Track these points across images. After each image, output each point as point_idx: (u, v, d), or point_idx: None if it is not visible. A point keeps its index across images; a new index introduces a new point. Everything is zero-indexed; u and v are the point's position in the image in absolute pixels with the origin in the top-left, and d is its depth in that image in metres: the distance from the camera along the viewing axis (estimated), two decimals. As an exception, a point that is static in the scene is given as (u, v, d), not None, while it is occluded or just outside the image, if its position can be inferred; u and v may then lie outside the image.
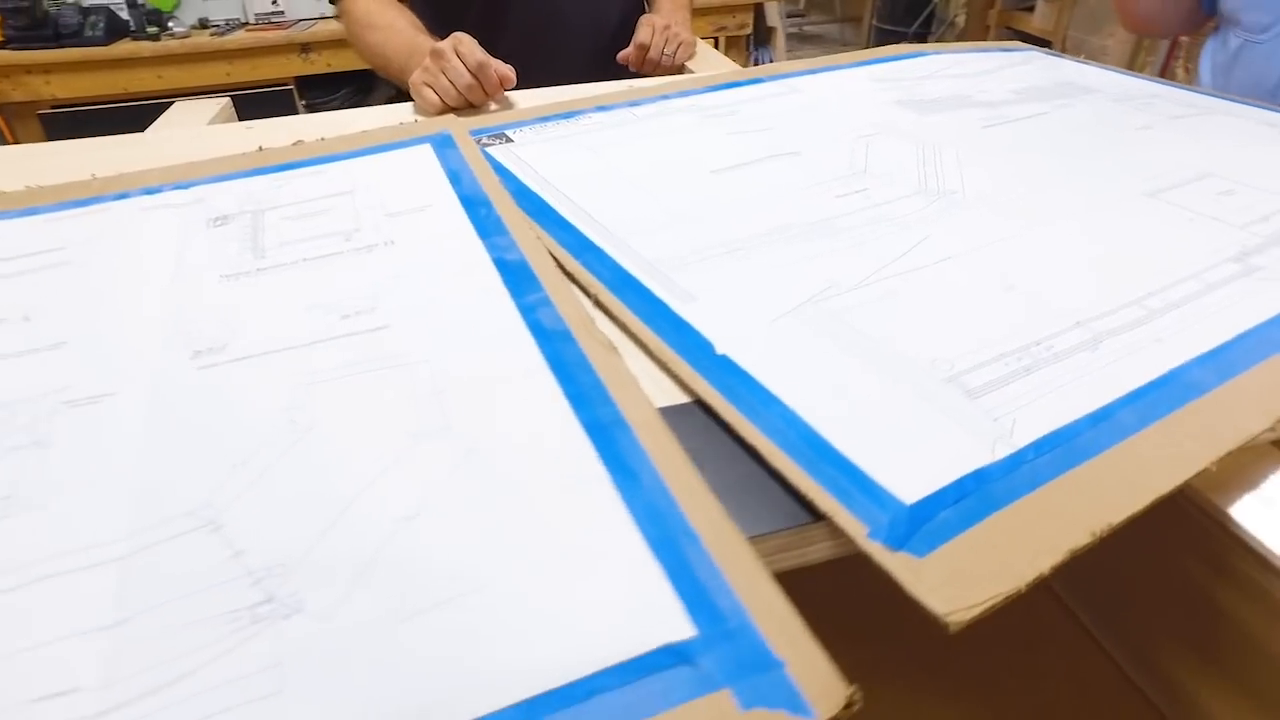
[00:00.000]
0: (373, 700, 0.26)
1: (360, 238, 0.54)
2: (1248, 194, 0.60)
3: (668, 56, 1.03)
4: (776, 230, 0.54)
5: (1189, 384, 0.39)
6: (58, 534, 0.32)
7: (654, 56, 1.04)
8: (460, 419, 0.37)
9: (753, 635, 0.27)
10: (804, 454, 0.34)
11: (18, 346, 0.44)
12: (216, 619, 0.28)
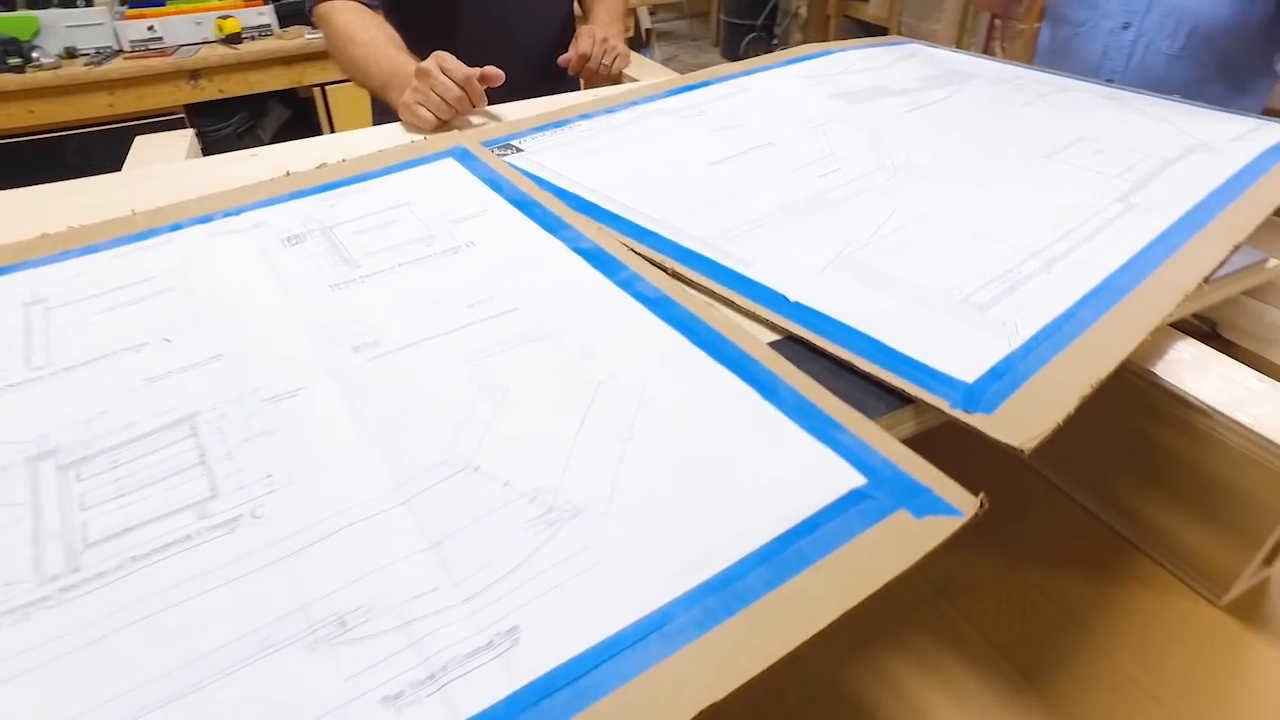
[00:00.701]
0: (667, 556, 0.36)
1: (439, 243, 0.62)
2: (1114, 151, 0.78)
3: (605, 67, 1.14)
4: (785, 206, 0.66)
5: (1117, 287, 0.55)
6: (334, 496, 0.40)
7: (593, 67, 1.14)
8: (621, 368, 0.47)
9: (903, 476, 0.39)
10: (884, 361, 0.47)
11: (179, 363, 0.50)
12: (516, 529, 0.37)
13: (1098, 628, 0.54)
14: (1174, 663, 0.52)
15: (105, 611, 0.34)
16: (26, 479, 0.41)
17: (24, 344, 0.52)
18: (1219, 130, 0.84)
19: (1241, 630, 0.54)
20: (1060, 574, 0.58)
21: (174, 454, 0.42)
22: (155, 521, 0.38)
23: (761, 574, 0.34)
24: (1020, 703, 0.49)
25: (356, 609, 0.34)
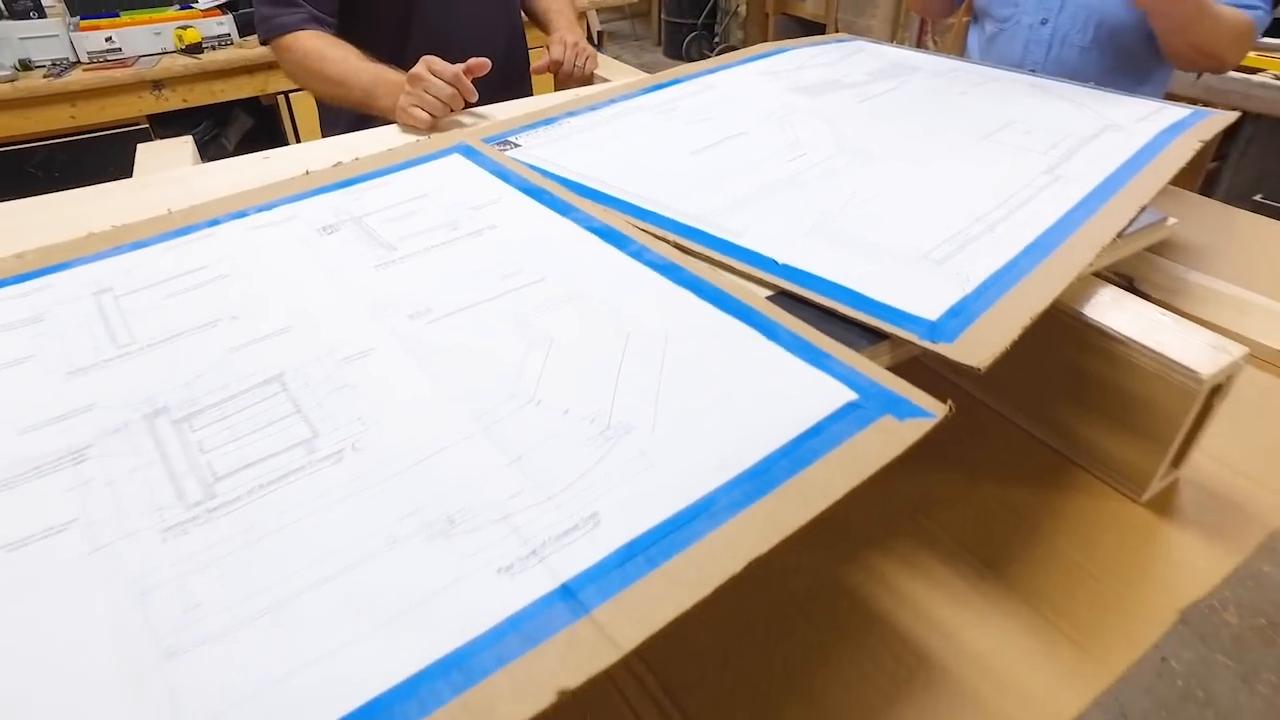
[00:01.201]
0: (706, 458, 0.44)
1: (463, 227, 0.70)
2: (1040, 132, 0.89)
3: (578, 69, 1.22)
4: (764, 187, 0.75)
5: (1048, 243, 0.65)
6: (421, 430, 0.48)
7: (567, 69, 1.22)
8: (646, 321, 0.55)
9: (886, 391, 0.49)
10: (862, 307, 0.56)
11: (254, 335, 0.57)
12: (581, 444, 0.46)
13: (1044, 526, 0.65)
14: (1106, 549, 0.62)
15: (250, 523, 0.41)
16: (148, 432, 0.48)
17: (105, 326, 0.59)
18: (1127, 112, 0.96)
19: (1157, 521, 0.65)
20: (1012, 486, 0.68)
21: (271, 406, 0.50)
22: (270, 458, 0.46)
23: (783, 465, 0.43)
24: (985, 586, 0.60)
25: (460, 510, 0.42)
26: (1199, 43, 1.18)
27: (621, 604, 0.36)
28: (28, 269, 0.67)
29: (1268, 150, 2.68)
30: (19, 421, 0.49)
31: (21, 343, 0.57)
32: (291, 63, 1.12)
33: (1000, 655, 0.55)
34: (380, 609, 0.37)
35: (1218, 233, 1.06)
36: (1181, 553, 0.63)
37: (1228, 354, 0.60)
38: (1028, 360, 0.69)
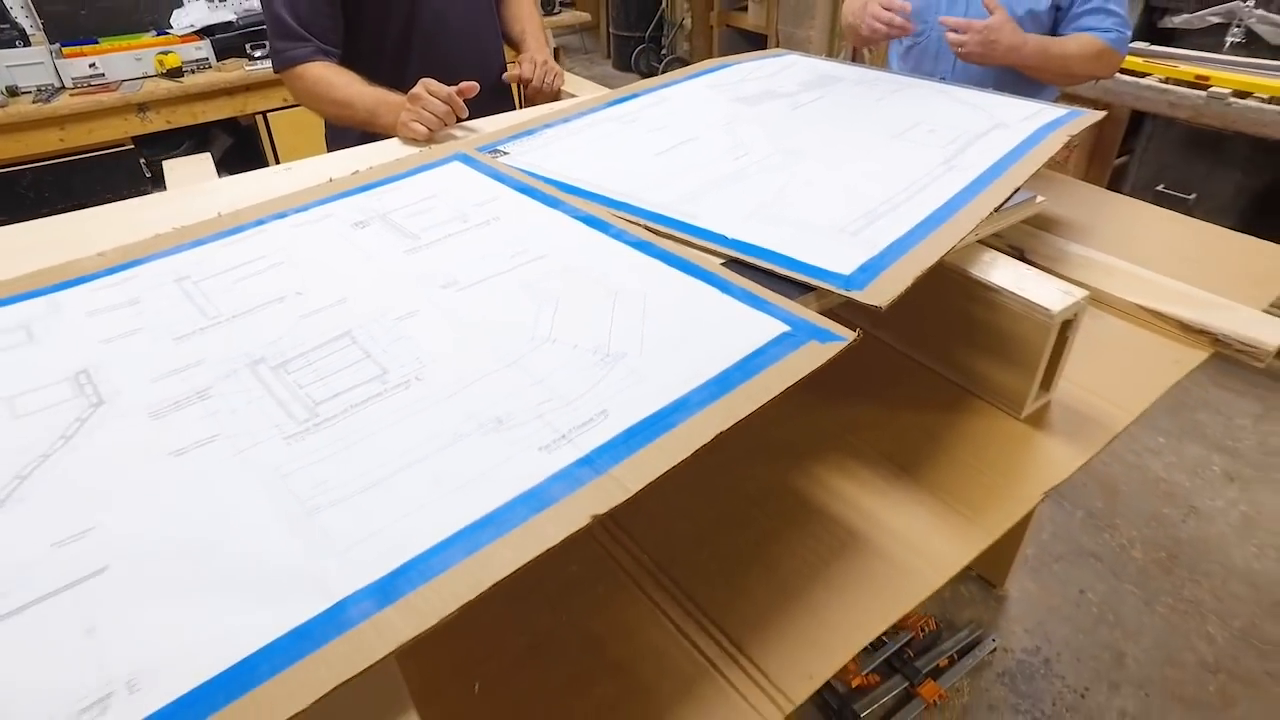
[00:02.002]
0: (681, 373, 0.60)
1: (472, 219, 0.85)
2: (942, 130, 1.08)
3: (548, 85, 1.38)
4: (714, 181, 0.92)
5: (940, 217, 0.83)
6: (465, 366, 0.63)
7: (536, 86, 1.38)
8: (628, 283, 0.72)
9: (811, 325, 0.65)
10: (794, 268, 0.73)
11: (319, 304, 0.72)
12: (588, 368, 0.61)
13: (945, 439, 0.82)
14: (992, 454, 0.80)
15: (349, 431, 0.56)
16: (253, 376, 0.63)
17: (193, 304, 0.73)
18: (1015, 113, 1.16)
19: (1033, 432, 0.83)
20: (921, 411, 0.86)
21: (346, 354, 0.65)
22: (354, 389, 0.61)
23: (736, 375, 0.60)
24: (899, 483, 0.77)
25: (506, 413, 0.57)
26: (1059, 72, 1.41)
27: (627, 465, 0.52)
28: (111, 265, 0.80)
29: (1165, 145, 2.95)
30: (147, 374, 0.64)
31: (128, 319, 0.71)
32: (303, 90, 1.26)
33: (911, 529, 0.72)
34: (457, 478, 0.52)
35: (1095, 213, 1.26)
36: (1048, 453, 0.81)
37: (1073, 296, 0.79)
38: (931, 312, 0.87)
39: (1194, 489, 2.04)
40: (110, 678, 0.41)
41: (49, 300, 0.75)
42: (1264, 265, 1.16)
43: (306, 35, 1.24)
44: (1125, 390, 0.89)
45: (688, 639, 0.63)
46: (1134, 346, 0.97)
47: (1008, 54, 1.39)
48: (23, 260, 0.82)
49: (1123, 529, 1.91)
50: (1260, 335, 0.94)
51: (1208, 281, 1.04)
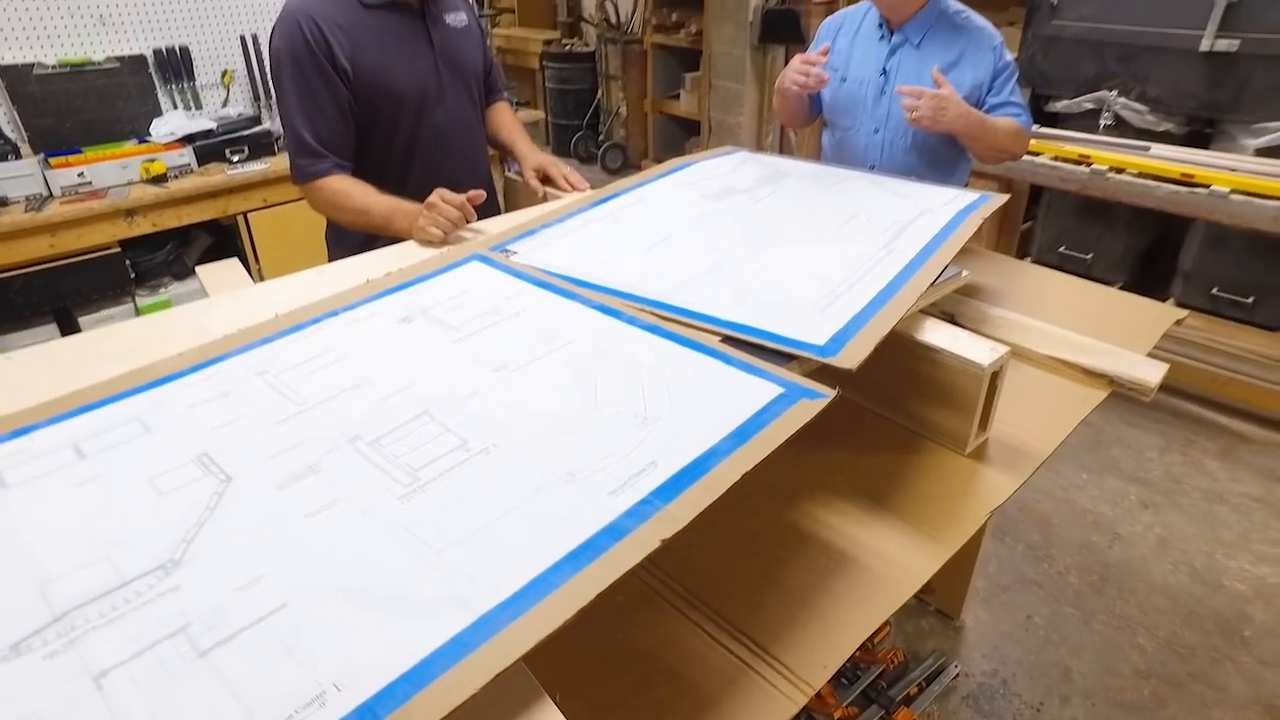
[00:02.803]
0: (707, 427, 0.77)
1: (503, 312, 1.01)
2: (879, 219, 1.29)
3: (575, 182, 1.58)
4: (700, 270, 1.10)
5: (887, 294, 1.03)
6: (533, 434, 0.78)
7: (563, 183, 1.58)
8: (648, 360, 0.88)
9: (800, 386, 0.83)
10: (778, 340, 0.91)
11: (390, 390, 0.85)
12: (632, 429, 0.77)
13: (906, 475, 1.00)
14: (946, 484, 0.98)
15: (450, 488, 0.70)
16: (354, 451, 0.76)
17: (278, 394, 0.86)
18: (937, 199, 1.38)
19: (975, 465, 1.02)
20: (883, 453, 1.04)
21: (428, 429, 0.79)
22: (444, 456, 0.75)
23: (750, 428, 0.76)
24: (875, 513, 0.94)
25: (576, 469, 0.72)
26: (994, 146, 1.66)
27: (678, 503, 0.68)
28: (192, 363, 0.93)
29: (1062, 213, 3.33)
30: (261, 454, 0.76)
31: (226, 409, 0.84)
32: (322, 200, 1.42)
33: (887, 548, 0.89)
34: (549, 519, 0.67)
35: (1010, 280, 1.49)
36: (990, 481, 1.00)
37: (998, 351, 0.99)
38: (885, 370, 1.06)
39: (1115, 517, 2.27)
40: (320, 680, 0.53)
41: (149, 396, 0.87)
42: (1145, 318, 1.40)
43: (325, 152, 1.40)
44: (1046, 426, 1.09)
45: (722, 645, 0.77)
46: (1049, 390, 1.17)
47: (954, 120, 1.59)
48: (109, 364, 0.93)
49: (1058, 558, 2.11)
50: (1144, 375, 1.15)
51: (1102, 333, 1.26)
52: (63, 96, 2.34)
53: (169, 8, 2.51)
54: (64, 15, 2.33)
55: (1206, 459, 2.51)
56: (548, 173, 1.62)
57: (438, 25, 1.53)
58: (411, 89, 1.47)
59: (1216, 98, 2.85)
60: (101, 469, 0.76)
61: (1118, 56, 3.03)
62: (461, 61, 1.57)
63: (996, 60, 1.72)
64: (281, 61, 1.38)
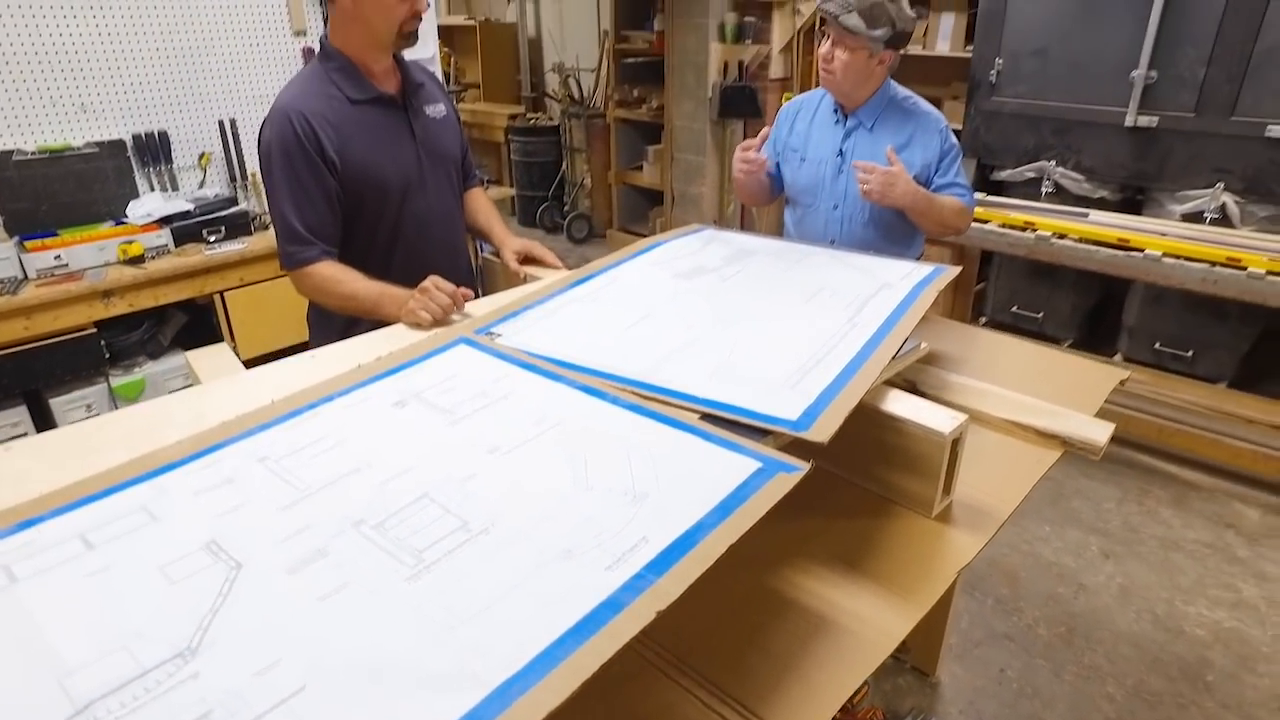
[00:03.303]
0: (692, 501, 0.82)
1: (492, 394, 1.06)
2: (842, 294, 1.38)
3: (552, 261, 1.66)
4: (677, 348, 1.17)
5: (853, 368, 1.10)
6: (530, 513, 0.82)
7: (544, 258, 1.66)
8: (634, 438, 0.94)
9: (777, 461, 0.89)
10: (753, 417, 0.98)
11: (390, 473, 0.90)
12: (623, 506, 0.82)
13: (877, 538, 1.06)
14: (915, 546, 1.04)
15: (454, 568, 0.75)
16: (359, 535, 0.80)
17: (281, 480, 0.90)
18: (895, 273, 1.48)
19: (942, 527, 1.08)
20: (855, 519, 1.10)
21: (429, 512, 0.83)
22: (446, 537, 0.79)
23: (733, 502, 0.82)
24: (850, 577, 0.99)
25: (573, 545, 0.77)
26: (940, 222, 1.78)
27: (671, 575, 0.73)
28: (192, 451, 0.96)
29: (1013, 275, 3.50)
30: (268, 539, 0.80)
31: (231, 495, 0.87)
32: (311, 286, 1.47)
33: (863, 610, 0.94)
34: (551, 595, 0.71)
35: (965, 346, 1.58)
36: (956, 542, 1.06)
37: (957, 419, 1.06)
38: (853, 439, 1.12)
39: (1079, 568, 2.35)
40: (344, 760, 0.57)
41: (153, 485, 0.90)
42: (1090, 379, 1.50)
43: (314, 240, 1.46)
44: (1006, 487, 1.16)
45: (715, 711, 0.81)
46: (1007, 452, 1.25)
47: (902, 196, 1.74)
48: (109, 454, 0.96)
49: (1027, 611, 2.17)
50: (1093, 435, 1.23)
51: (1053, 395, 1.35)
52: (40, 181, 2.37)
53: (149, 95, 2.58)
54: (46, 103, 2.39)
55: (1161, 508, 2.62)
56: (530, 253, 1.70)
57: (419, 117, 1.61)
58: (396, 179, 1.55)
59: (1143, 168, 3.07)
60: (111, 559, 0.78)
61: (1053, 130, 3.25)
62: (441, 151, 1.65)
63: (943, 142, 1.85)
64: (272, 154, 1.44)
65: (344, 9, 1.48)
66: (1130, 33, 2.93)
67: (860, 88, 1.85)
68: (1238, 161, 2.83)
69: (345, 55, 1.52)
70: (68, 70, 2.41)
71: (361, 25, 1.48)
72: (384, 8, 1.45)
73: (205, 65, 2.69)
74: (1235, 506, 2.58)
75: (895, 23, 1.74)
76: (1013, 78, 3.30)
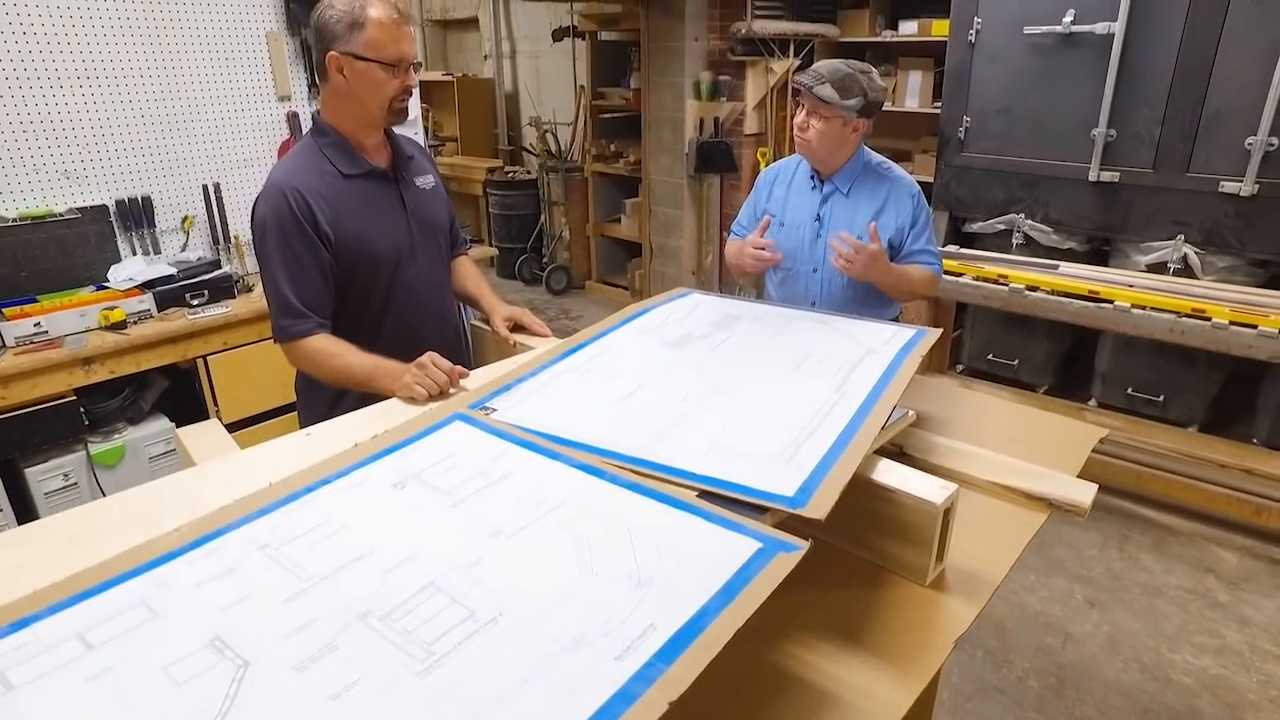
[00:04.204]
0: (696, 584, 0.83)
1: (492, 474, 1.07)
2: (829, 361, 1.41)
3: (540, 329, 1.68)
4: (672, 422, 1.19)
5: (844, 440, 1.13)
6: (537, 601, 0.83)
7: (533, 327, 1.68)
8: (634, 519, 0.95)
9: (777, 540, 0.90)
10: (752, 494, 0.99)
11: (393, 561, 0.90)
12: (628, 592, 0.83)
13: (874, 608, 1.07)
14: (911, 616, 1.06)
15: (465, 660, 0.75)
16: (366, 628, 0.80)
17: (283, 570, 0.89)
18: (878, 337, 1.52)
19: (937, 595, 1.10)
20: (850, 588, 1.11)
21: (436, 601, 0.83)
22: (455, 628, 0.79)
23: (737, 584, 0.83)
24: (849, 649, 1.00)
25: (581, 635, 0.78)
26: (905, 291, 1.86)
27: (681, 662, 0.74)
28: (191, 539, 0.96)
29: (987, 324, 3.58)
30: (273, 634, 0.80)
31: (232, 587, 0.87)
32: (304, 358, 1.48)
33: (865, 683, 0.95)
34: (563, 687, 0.72)
35: (948, 405, 1.62)
36: (951, 609, 1.07)
37: (948, 489, 1.08)
38: (846, 509, 1.14)
39: (1065, 617, 2.37)
40: None
41: (152, 577, 0.89)
42: (1071, 438, 1.54)
43: (308, 313, 1.47)
44: (996, 550, 1.18)
45: (723, 797, 0.81)
46: (995, 515, 1.27)
47: (880, 275, 1.81)
48: (104, 542, 0.96)
49: (1017, 662, 2.19)
50: (1078, 497, 1.27)
51: (1035, 453, 1.39)
52: (21, 247, 2.37)
53: (133, 161, 2.60)
54: (29, 171, 2.39)
55: (1141, 553, 2.66)
56: (520, 321, 1.73)
57: (409, 189, 1.64)
58: (387, 250, 1.57)
59: (1108, 220, 3.18)
60: (112, 660, 0.78)
61: (1021, 184, 3.36)
62: (431, 221, 1.68)
63: (915, 207, 1.92)
64: (268, 228, 1.46)
65: (336, 86, 1.51)
66: (1089, 93, 3.07)
67: (835, 154, 1.92)
68: (1195, 215, 2.95)
69: (338, 131, 1.55)
70: (52, 138, 2.43)
71: (353, 102, 1.51)
72: (375, 84, 1.48)
73: (190, 131, 2.72)
74: (1213, 550, 2.63)
75: (867, 93, 1.81)
76: (980, 134, 3.42)
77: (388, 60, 1.47)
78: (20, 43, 2.31)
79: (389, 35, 1.46)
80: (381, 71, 1.48)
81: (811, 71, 1.81)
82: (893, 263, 1.94)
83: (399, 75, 1.49)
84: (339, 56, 1.47)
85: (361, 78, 1.48)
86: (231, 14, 2.73)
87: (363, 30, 1.44)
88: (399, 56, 1.48)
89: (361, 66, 1.47)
